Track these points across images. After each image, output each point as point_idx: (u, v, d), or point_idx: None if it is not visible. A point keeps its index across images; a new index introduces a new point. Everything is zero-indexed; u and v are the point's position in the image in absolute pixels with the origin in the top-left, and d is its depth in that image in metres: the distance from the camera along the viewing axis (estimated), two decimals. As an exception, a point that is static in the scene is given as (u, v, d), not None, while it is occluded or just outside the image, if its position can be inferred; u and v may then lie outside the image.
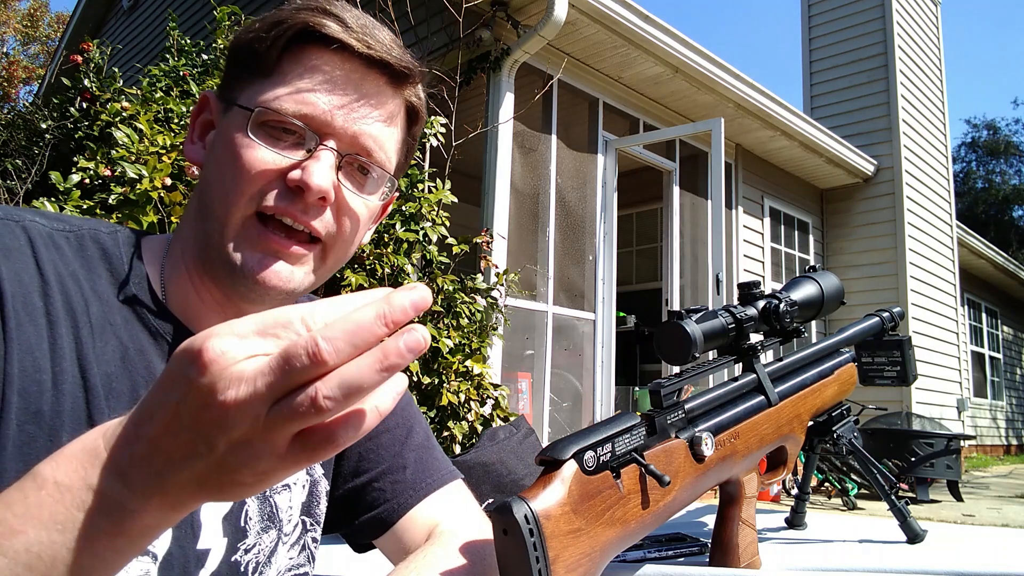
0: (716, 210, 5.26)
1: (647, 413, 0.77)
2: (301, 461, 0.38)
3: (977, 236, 10.39)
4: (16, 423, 0.55)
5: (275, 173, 0.63)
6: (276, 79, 0.64)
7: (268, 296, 0.65)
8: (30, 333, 0.57)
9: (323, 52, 0.64)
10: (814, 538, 1.22)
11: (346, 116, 0.65)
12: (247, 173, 0.63)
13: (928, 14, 9.05)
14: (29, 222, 0.63)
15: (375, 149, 0.67)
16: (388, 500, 0.79)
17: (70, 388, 0.59)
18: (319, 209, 0.65)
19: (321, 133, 0.64)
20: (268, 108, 0.63)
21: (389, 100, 0.68)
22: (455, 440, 2.80)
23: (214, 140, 0.68)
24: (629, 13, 4.80)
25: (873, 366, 1.31)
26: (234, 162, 0.63)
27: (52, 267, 0.61)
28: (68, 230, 0.66)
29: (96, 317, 0.62)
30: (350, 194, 0.67)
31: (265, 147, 0.63)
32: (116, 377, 0.62)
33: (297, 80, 0.64)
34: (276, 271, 0.64)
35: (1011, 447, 11.93)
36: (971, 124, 31.17)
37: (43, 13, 20.39)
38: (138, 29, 8.23)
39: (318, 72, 0.64)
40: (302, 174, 0.63)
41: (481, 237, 3.63)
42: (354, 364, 0.36)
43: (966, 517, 4.81)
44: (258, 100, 0.64)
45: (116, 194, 2.24)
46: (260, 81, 0.65)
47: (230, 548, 0.69)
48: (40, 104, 4.83)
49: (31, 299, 0.59)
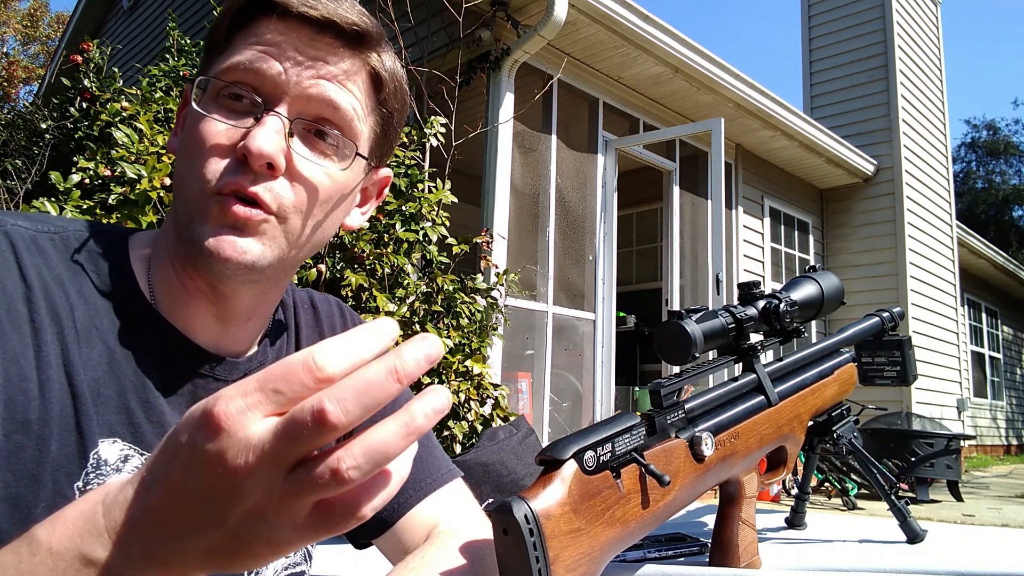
0: (716, 210, 5.26)
1: (647, 413, 0.77)
2: (320, 532, 0.35)
3: (977, 236, 10.39)
4: (3, 433, 0.54)
5: (228, 146, 0.62)
6: (227, 53, 0.64)
7: (229, 270, 0.62)
8: (15, 341, 0.56)
9: (270, 20, 0.63)
10: (814, 538, 1.22)
11: (295, 79, 0.62)
12: (202, 148, 0.62)
13: (928, 14, 9.05)
14: (11, 226, 0.61)
15: (331, 113, 0.64)
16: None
17: (57, 396, 0.57)
18: (267, 177, 0.62)
19: (269, 99, 0.62)
20: (212, 77, 0.63)
21: (343, 61, 0.64)
22: (455, 440, 2.80)
23: (186, 125, 0.67)
24: (629, 13, 4.80)
25: (873, 366, 1.31)
26: (192, 140, 0.63)
27: (35, 272, 0.60)
28: (53, 232, 0.64)
29: (81, 322, 0.61)
30: (304, 161, 0.63)
31: (216, 118, 0.62)
32: (103, 382, 0.61)
33: (245, 49, 0.62)
34: (231, 241, 0.61)
35: (1011, 447, 11.93)
36: (971, 124, 31.18)
37: (43, 13, 20.39)
38: (138, 29, 8.23)
39: (265, 39, 0.63)
40: (245, 141, 0.60)
41: (481, 237, 3.63)
42: (380, 430, 0.34)
43: (966, 517, 4.81)
44: (213, 72, 0.64)
45: (116, 194, 2.24)
46: (215, 58, 0.65)
47: None
48: (40, 104, 4.83)
49: (15, 306, 0.57)
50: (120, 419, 0.60)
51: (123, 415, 0.61)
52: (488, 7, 4.43)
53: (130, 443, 0.61)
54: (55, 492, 0.56)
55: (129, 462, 0.60)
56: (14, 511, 0.54)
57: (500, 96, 4.62)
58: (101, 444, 0.59)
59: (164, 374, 0.64)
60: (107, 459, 0.59)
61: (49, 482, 0.56)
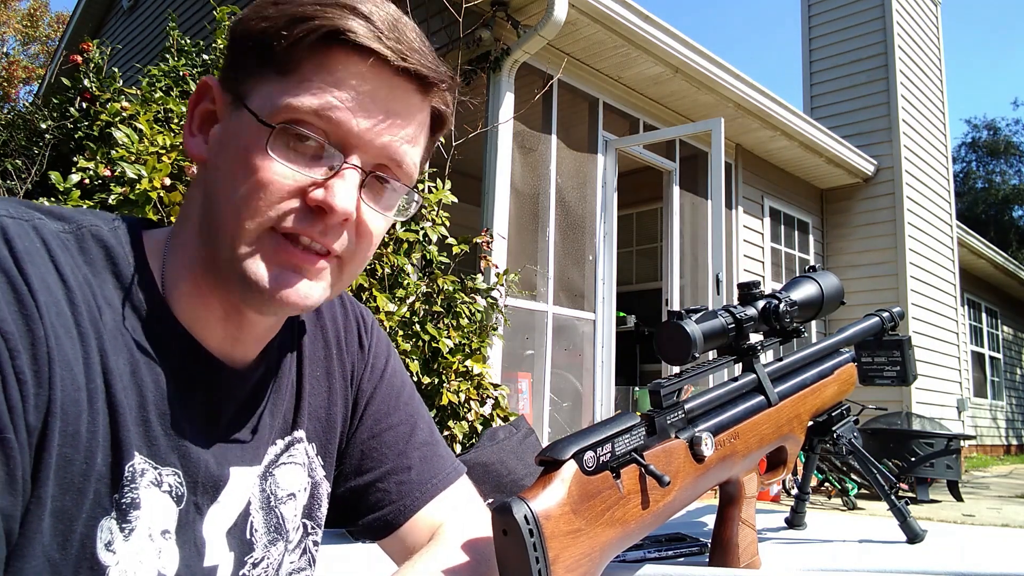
0: (716, 210, 5.26)
1: (647, 413, 0.77)
2: None
3: (977, 236, 10.39)
4: (56, 445, 0.51)
5: (294, 191, 0.59)
6: (295, 82, 0.58)
7: (284, 312, 0.62)
8: (67, 346, 0.53)
9: (350, 57, 0.58)
10: (814, 538, 1.22)
11: (373, 132, 0.60)
12: (263, 190, 0.58)
13: (928, 14, 9.05)
14: (38, 220, 0.57)
15: (399, 164, 0.63)
16: (393, 502, 0.77)
17: (102, 407, 0.55)
18: (339, 228, 0.61)
19: (342, 147, 0.59)
20: (290, 123, 0.58)
21: (418, 113, 0.63)
22: (455, 440, 2.80)
23: (221, 138, 0.62)
24: (629, 13, 4.80)
25: (873, 366, 1.31)
26: (248, 176, 0.58)
27: (71, 271, 0.56)
28: (68, 229, 0.60)
29: (110, 327, 0.57)
30: (370, 211, 0.63)
31: (283, 163, 0.58)
32: (127, 392, 0.57)
33: (321, 90, 0.58)
34: (296, 289, 0.60)
35: (1011, 447, 11.93)
36: (971, 124, 31.15)
37: (43, 13, 20.38)
38: (138, 29, 8.23)
39: (344, 83, 0.58)
40: (326, 195, 0.58)
41: (481, 237, 3.63)
42: None
43: (966, 517, 4.81)
44: (277, 104, 0.58)
45: (116, 194, 2.24)
46: (276, 80, 0.59)
47: (237, 562, 0.67)
48: (40, 104, 4.83)
49: (62, 308, 0.53)
50: (138, 431, 0.58)
51: (141, 427, 0.58)
52: (488, 7, 4.43)
53: (146, 456, 0.58)
54: (95, 503, 0.55)
55: (145, 476, 0.58)
56: (57, 524, 0.52)
57: (500, 96, 4.62)
58: (136, 457, 0.57)
59: (179, 384, 0.62)
60: (142, 471, 0.57)
61: (91, 493, 0.54)
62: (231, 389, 0.66)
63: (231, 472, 0.65)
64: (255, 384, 0.69)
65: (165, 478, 0.60)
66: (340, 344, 0.79)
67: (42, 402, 0.50)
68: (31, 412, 0.50)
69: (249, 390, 0.68)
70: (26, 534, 0.50)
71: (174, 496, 0.60)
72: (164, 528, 0.59)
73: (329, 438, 0.76)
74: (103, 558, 0.55)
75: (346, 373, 0.79)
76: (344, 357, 0.79)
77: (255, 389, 0.69)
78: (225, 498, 0.65)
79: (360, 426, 0.79)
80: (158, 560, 0.59)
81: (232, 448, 0.66)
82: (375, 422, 0.79)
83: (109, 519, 0.55)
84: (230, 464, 0.65)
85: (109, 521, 0.55)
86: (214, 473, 0.64)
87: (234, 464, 0.66)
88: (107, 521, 0.55)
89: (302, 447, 0.73)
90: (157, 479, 0.59)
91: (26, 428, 0.50)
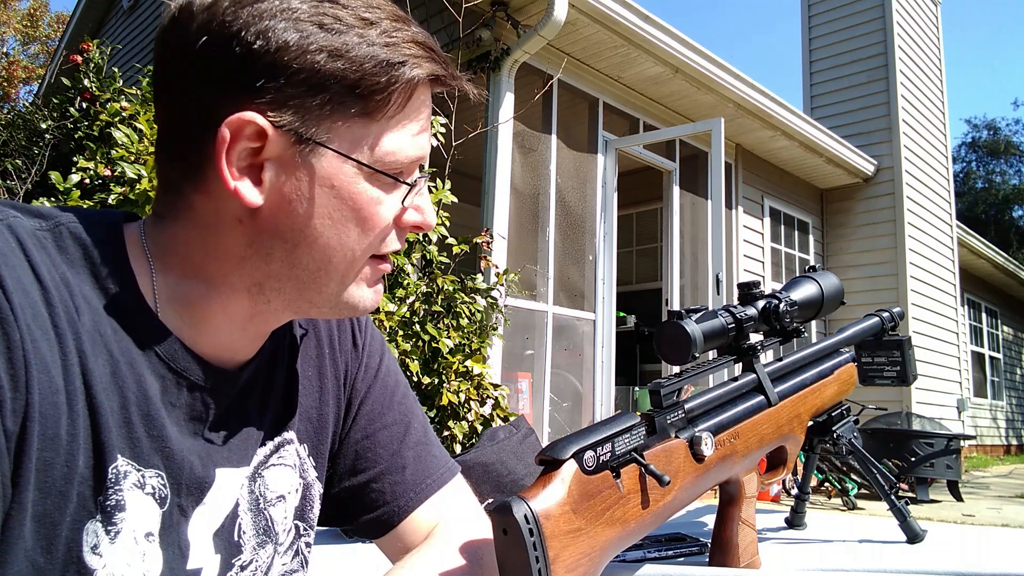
0: (716, 210, 5.26)
1: (647, 413, 0.77)
2: None
3: (977, 236, 10.39)
4: (36, 450, 0.51)
5: (394, 219, 0.64)
6: (383, 122, 0.60)
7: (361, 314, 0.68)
8: (44, 348, 0.52)
9: (426, 91, 0.63)
10: (814, 538, 1.22)
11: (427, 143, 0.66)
12: (375, 228, 0.62)
13: (928, 14, 9.05)
14: (13, 219, 0.56)
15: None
16: (388, 503, 0.77)
17: (82, 409, 0.54)
18: None
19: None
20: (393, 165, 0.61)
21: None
22: (455, 440, 2.80)
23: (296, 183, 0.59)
24: (629, 13, 4.80)
25: (873, 366, 1.31)
26: (359, 219, 0.61)
27: (47, 271, 0.55)
28: (45, 227, 0.58)
29: (88, 327, 0.56)
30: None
31: (386, 197, 0.62)
32: (108, 393, 0.56)
33: (408, 123, 0.62)
34: (379, 292, 0.68)
35: (1011, 447, 11.93)
36: (971, 124, 31.17)
37: (43, 13, 20.38)
38: (138, 29, 8.23)
39: (421, 113, 0.63)
40: (423, 217, 0.65)
41: (481, 237, 3.63)
42: None
43: (966, 517, 4.81)
44: (380, 149, 0.60)
45: (116, 194, 2.24)
46: (361, 122, 0.59)
47: (224, 565, 0.66)
48: (40, 104, 4.83)
49: (38, 310, 0.53)
50: (121, 433, 0.57)
51: (124, 429, 0.57)
52: (488, 7, 4.43)
53: (128, 459, 0.57)
54: (79, 506, 0.54)
55: (128, 479, 0.57)
56: (40, 528, 0.52)
57: (500, 96, 4.62)
58: (119, 459, 0.57)
59: (164, 386, 0.61)
60: (125, 473, 0.57)
61: (74, 496, 0.54)
62: (218, 389, 0.64)
63: (217, 474, 0.64)
64: (244, 384, 0.67)
65: (148, 480, 0.59)
66: (333, 343, 0.78)
67: (19, 407, 0.50)
68: (8, 417, 0.49)
69: (238, 390, 0.67)
70: (8, 539, 0.50)
71: (157, 498, 0.60)
72: (148, 531, 0.59)
73: (321, 439, 0.75)
74: (89, 561, 0.54)
75: (339, 372, 0.78)
76: (337, 356, 0.78)
77: (244, 389, 0.68)
78: (211, 500, 0.64)
79: (354, 426, 0.78)
80: (142, 563, 0.58)
81: (219, 449, 0.65)
82: (369, 422, 0.79)
83: (94, 522, 0.55)
84: (216, 465, 0.64)
85: (95, 524, 0.55)
86: (199, 475, 0.62)
87: (220, 465, 0.65)
88: (92, 524, 0.55)
89: (293, 448, 0.72)
90: (140, 481, 0.58)
91: (4, 433, 0.49)
